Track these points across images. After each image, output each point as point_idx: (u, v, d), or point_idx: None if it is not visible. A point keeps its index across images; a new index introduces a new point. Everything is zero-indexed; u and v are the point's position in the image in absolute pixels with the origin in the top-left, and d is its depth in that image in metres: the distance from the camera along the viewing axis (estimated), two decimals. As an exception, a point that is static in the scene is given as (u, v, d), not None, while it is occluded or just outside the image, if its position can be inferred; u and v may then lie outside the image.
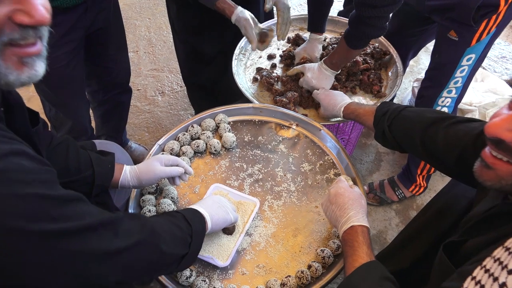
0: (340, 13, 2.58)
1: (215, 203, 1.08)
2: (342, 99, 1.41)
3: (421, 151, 1.07)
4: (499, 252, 0.62)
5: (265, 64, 1.77)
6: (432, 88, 1.57)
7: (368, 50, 1.72)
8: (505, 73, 2.30)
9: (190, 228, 0.94)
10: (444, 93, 1.55)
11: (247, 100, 1.55)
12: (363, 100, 1.62)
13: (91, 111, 1.85)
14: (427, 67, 1.62)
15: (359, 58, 1.64)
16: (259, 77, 1.68)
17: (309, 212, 1.22)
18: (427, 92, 1.59)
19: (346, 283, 0.87)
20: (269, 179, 1.29)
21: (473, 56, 1.44)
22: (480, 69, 2.21)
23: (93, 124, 1.88)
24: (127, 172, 1.13)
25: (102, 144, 1.26)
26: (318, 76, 1.55)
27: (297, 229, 1.18)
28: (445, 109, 1.60)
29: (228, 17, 1.49)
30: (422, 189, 1.91)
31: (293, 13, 2.97)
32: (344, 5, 2.66)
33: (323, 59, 1.57)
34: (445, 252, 0.79)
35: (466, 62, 1.46)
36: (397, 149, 1.19)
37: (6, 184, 0.61)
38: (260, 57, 1.80)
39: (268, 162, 1.33)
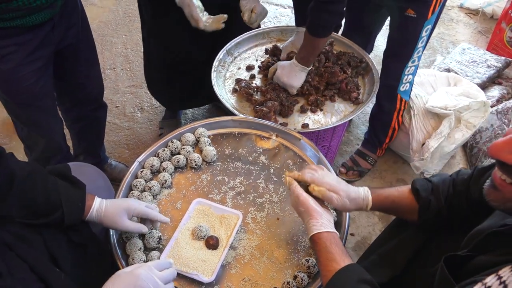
0: None
1: None
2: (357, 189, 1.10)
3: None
4: (491, 280, 0.61)
5: (244, 75, 1.78)
6: (398, 62, 1.78)
7: (345, 59, 1.75)
8: (477, 77, 2.37)
9: None
10: (409, 63, 1.76)
11: (228, 111, 1.56)
12: (342, 106, 1.64)
13: (66, 129, 1.82)
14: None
15: (337, 69, 1.67)
16: (238, 88, 1.69)
17: (293, 222, 1.22)
18: (394, 66, 1.80)
19: None
20: (251, 191, 1.29)
21: (429, 26, 1.65)
22: (452, 74, 2.27)
23: (69, 143, 1.85)
24: (93, 214, 1.08)
25: (79, 167, 1.23)
26: (288, 72, 1.61)
27: (281, 240, 1.17)
28: (410, 77, 1.82)
29: None
30: (384, 151, 2.15)
31: (270, 25, 3.00)
32: None
33: (295, 57, 1.61)
34: (447, 265, 0.78)
35: (424, 33, 1.67)
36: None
37: None
38: (239, 68, 1.82)
39: (250, 174, 1.33)
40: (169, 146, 1.37)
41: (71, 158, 1.80)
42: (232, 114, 1.55)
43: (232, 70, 1.81)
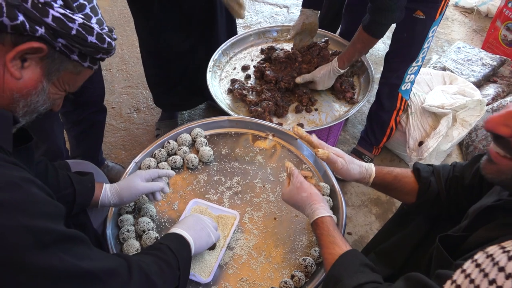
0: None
1: (198, 224, 1.05)
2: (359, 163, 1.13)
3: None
4: (493, 249, 0.62)
5: (240, 75, 1.78)
6: (403, 62, 1.79)
7: None
8: (472, 75, 2.38)
9: (177, 260, 0.92)
10: (414, 64, 1.79)
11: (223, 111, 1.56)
12: (337, 106, 1.65)
13: (65, 132, 1.81)
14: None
15: (327, 52, 1.68)
16: (232, 89, 1.69)
17: (290, 221, 1.22)
18: (398, 66, 1.81)
19: (330, 276, 0.89)
20: (248, 191, 1.29)
21: (436, 27, 1.69)
22: (448, 72, 2.28)
23: (67, 145, 1.84)
24: (107, 190, 1.11)
25: (76, 164, 1.23)
26: (328, 82, 1.65)
27: (279, 239, 1.18)
28: (412, 76, 1.84)
29: None
30: (380, 150, 2.15)
31: (265, 24, 3.00)
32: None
33: (337, 60, 1.60)
34: (443, 245, 0.80)
35: (431, 34, 1.70)
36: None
37: (15, 214, 0.62)
38: (234, 68, 1.82)
39: (246, 174, 1.33)
40: (166, 146, 1.37)
41: (70, 162, 1.80)
42: (227, 114, 1.55)
43: (227, 71, 1.81)
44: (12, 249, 0.61)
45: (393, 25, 1.80)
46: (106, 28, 0.84)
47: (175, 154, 1.37)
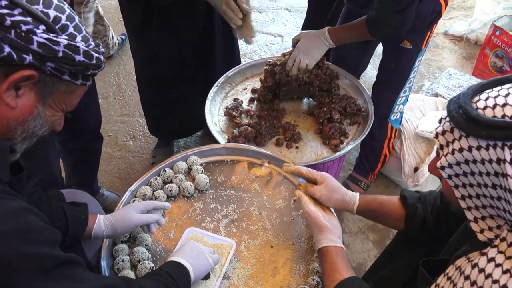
0: None
1: (194, 251, 1.07)
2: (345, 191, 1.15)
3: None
4: (450, 270, 0.67)
5: (246, 97, 1.78)
6: (390, 92, 1.80)
7: (343, 103, 1.66)
8: (464, 101, 2.42)
9: (177, 285, 0.94)
10: (401, 93, 1.80)
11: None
12: (319, 150, 1.58)
13: (61, 161, 1.81)
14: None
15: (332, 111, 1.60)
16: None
17: (287, 249, 1.21)
18: (386, 95, 1.82)
19: None
20: (244, 218, 1.28)
21: (421, 57, 1.71)
22: (440, 98, 2.32)
23: (62, 173, 1.83)
24: (101, 222, 1.10)
25: (71, 194, 1.23)
26: (311, 42, 1.54)
27: (276, 268, 1.16)
28: (401, 106, 1.84)
29: None
30: (376, 176, 2.16)
31: (260, 53, 3.06)
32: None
33: (328, 28, 1.55)
34: (427, 269, 0.84)
35: (417, 64, 1.72)
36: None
37: (15, 243, 0.65)
38: (245, 88, 1.82)
39: (243, 202, 1.33)
40: (162, 174, 1.37)
41: (65, 191, 1.79)
42: (212, 133, 1.59)
43: (237, 89, 1.82)
44: (15, 277, 0.62)
45: (381, 54, 1.84)
46: (92, 43, 0.85)
47: (171, 182, 1.36)
